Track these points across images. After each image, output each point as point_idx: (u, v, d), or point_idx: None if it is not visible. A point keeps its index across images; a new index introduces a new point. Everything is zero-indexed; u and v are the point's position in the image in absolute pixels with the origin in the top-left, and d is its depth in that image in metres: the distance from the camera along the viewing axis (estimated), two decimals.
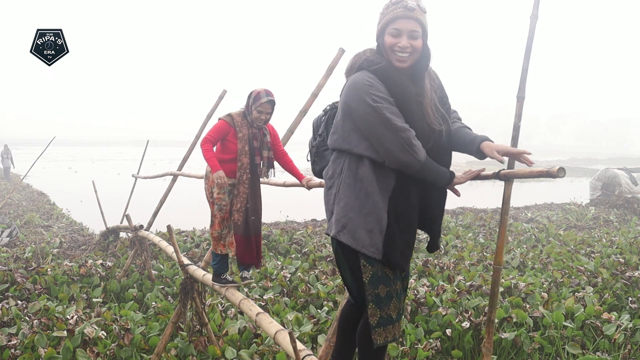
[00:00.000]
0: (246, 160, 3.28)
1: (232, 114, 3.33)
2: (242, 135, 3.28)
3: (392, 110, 1.82)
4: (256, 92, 3.27)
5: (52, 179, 22.87)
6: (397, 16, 1.83)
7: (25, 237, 9.20)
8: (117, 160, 39.65)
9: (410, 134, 1.81)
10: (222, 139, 3.30)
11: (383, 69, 1.88)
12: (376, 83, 1.84)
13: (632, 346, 3.76)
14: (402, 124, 1.81)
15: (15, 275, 5.25)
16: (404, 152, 1.82)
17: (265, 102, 3.23)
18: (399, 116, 1.83)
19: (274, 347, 3.65)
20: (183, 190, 9.94)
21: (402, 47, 1.84)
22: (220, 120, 3.33)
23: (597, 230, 10.38)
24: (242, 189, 3.29)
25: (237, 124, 3.28)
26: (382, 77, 1.86)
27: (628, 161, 46.10)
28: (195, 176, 5.63)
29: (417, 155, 1.82)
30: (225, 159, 3.31)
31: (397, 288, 1.95)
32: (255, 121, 3.28)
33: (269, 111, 3.30)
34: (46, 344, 3.70)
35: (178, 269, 5.98)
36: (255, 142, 3.32)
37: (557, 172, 1.52)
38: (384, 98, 1.83)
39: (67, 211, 12.98)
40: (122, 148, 64.50)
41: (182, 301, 3.68)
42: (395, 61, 1.88)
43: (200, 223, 9.70)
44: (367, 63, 1.90)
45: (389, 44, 1.86)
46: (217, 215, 3.36)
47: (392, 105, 1.84)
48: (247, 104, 3.31)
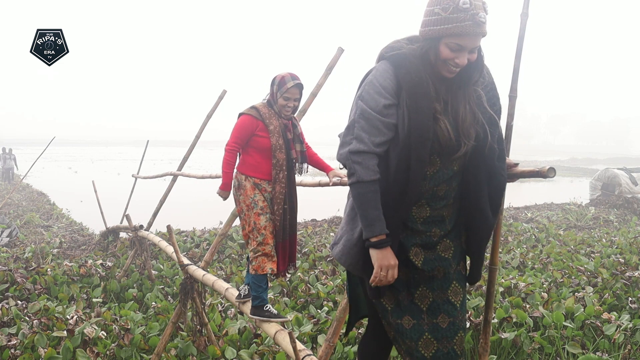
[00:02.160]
0: (282, 155, 2.88)
1: (255, 106, 2.92)
2: (274, 127, 2.86)
3: (370, 116, 1.59)
4: (280, 76, 2.88)
5: (52, 179, 22.86)
6: (464, 32, 1.54)
7: (25, 237, 9.20)
8: (117, 160, 39.64)
9: (359, 145, 1.59)
10: (250, 137, 2.88)
11: (399, 57, 1.62)
12: (385, 76, 1.61)
13: (632, 346, 3.76)
14: (361, 132, 1.59)
15: (15, 275, 5.25)
16: (343, 158, 1.64)
17: (292, 86, 2.83)
18: (376, 123, 1.59)
19: (274, 347, 3.65)
20: (183, 190, 9.95)
21: (460, 64, 1.58)
22: (243, 116, 2.90)
23: (597, 230, 10.38)
24: (278, 189, 2.89)
25: (264, 116, 2.86)
26: (396, 65, 1.61)
27: (628, 161, 46.11)
28: (195, 176, 5.64)
29: (354, 170, 1.59)
30: (258, 158, 2.90)
31: (401, 323, 1.68)
32: (282, 110, 2.88)
33: (297, 96, 2.90)
34: (46, 344, 3.70)
35: (178, 269, 5.99)
36: (288, 134, 2.93)
37: (547, 172, 1.53)
38: (379, 93, 1.60)
39: (67, 211, 12.98)
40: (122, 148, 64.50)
41: (182, 301, 3.68)
42: (445, 72, 1.61)
43: (200, 223, 9.71)
44: (386, 50, 1.68)
45: (445, 56, 1.58)
46: (268, 227, 2.89)
47: (382, 108, 1.59)
48: (272, 92, 2.91)
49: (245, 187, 2.90)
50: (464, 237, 1.74)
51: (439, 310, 1.67)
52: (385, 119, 1.59)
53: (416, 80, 1.58)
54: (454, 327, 1.68)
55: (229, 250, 7.21)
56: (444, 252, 1.69)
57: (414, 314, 1.66)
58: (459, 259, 1.73)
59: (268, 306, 2.92)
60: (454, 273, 1.70)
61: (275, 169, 2.88)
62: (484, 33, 1.57)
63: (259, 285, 2.92)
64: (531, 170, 1.61)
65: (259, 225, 2.89)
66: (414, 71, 1.59)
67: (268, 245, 2.90)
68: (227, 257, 7.03)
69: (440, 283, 1.68)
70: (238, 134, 2.88)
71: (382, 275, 1.58)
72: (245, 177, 2.92)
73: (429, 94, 1.58)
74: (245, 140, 2.88)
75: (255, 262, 2.89)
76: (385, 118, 1.59)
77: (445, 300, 1.68)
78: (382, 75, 1.62)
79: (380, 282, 1.60)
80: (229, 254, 7.08)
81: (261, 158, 2.90)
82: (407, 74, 1.59)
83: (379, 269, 1.58)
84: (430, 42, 1.60)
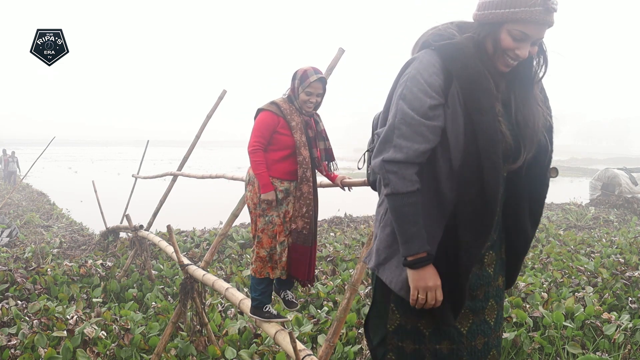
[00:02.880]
0: (306, 152, 2.69)
1: (275, 101, 2.74)
2: (296, 123, 2.68)
3: (413, 120, 1.35)
4: (302, 70, 2.71)
5: (52, 179, 22.87)
6: (532, 19, 1.32)
7: (25, 237, 9.20)
8: (117, 160, 39.64)
9: (397, 154, 1.37)
10: (271, 135, 2.70)
11: (452, 48, 1.38)
12: (431, 70, 1.37)
13: (632, 346, 3.76)
14: (402, 140, 1.36)
15: (15, 275, 5.25)
16: (377, 166, 1.42)
17: (315, 80, 2.66)
18: (420, 129, 1.35)
19: (274, 347, 3.65)
20: (183, 190, 9.95)
21: (520, 56, 1.37)
22: (262, 113, 2.72)
23: (597, 230, 10.38)
24: (305, 189, 2.69)
25: (285, 112, 2.68)
26: (447, 57, 1.37)
27: (628, 161, 46.12)
28: (195, 176, 5.63)
29: (388, 180, 1.39)
30: (278, 157, 2.72)
31: (440, 348, 1.49)
32: (304, 106, 2.71)
33: (320, 91, 2.72)
34: (46, 344, 3.70)
35: (178, 269, 5.99)
36: (310, 132, 2.75)
37: (550, 172, 1.55)
38: (424, 92, 1.36)
39: (67, 211, 12.99)
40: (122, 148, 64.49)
41: (182, 301, 3.68)
42: (501, 64, 1.40)
43: (200, 223, 9.71)
44: (434, 37, 1.43)
45: (505, 45, 1.36)
46: (267, 230, 2.72)
47: (427, 109, 1.35)
48: (293, 87, 2.75)
49: (255, 184, 2.74)
50: (504, 247, 1.59)
51: (477, 331, 1.53)
52: (430, 122, 1.35)
53: (475, 75, 1.35)
54: (487, 346, 1.56)
55: (229, 250, 7.21)
56: (488, 267, 1.53)
57: (453, 338, 1.49)
58: (498, 273, 1.58)
59: (268, 307, 2.82)
60: (493, 290, 1.56)
61: (302, 167, 2.67)
62: (551, 23, 1.36)
63: (257, 288, 2.82)
64: None
65: (258, 227, 2.74)
66: (471, 65, 1.36)
67: (263, 249, 2.73)
68: (227, 257, 7.02)
69: (480, 303, 1.53)
70: (259, 132, 2.68)
71: (420, 298, 1.41)
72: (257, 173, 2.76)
73: (491, 92, 1.36)
74: (267, 137, 2.68)
75: (254, 264, 2.80)
76: (430, 121, 1.35)
77: (482, 321, 1.54)
78: (428, 69, 1.37)
79: (421, 305, 1.42)
80: (229, 254, 7.08)
81: (280, 157, 2.71)
82: (463, 69, 1.35)
83: (415, 291, 1.40)
84: (489, 27, 1.37)
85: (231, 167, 31.59)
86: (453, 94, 1.36)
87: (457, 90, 1.36)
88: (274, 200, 2.67)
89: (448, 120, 1.36)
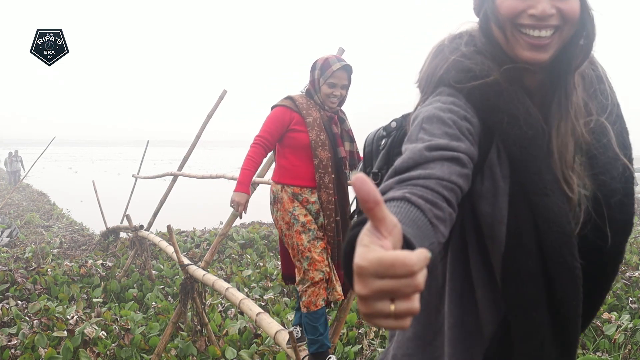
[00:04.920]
0: (326, 154, 2.31)
1: (291, 96, 2.41)
2: (313, 119, 2.32)
3: (439, 116, 0.82)
4: (322, 59, 2.35)
5: (52, 179, 22.88)
6: None
7: (26, 237, 9.21)
8: (117, 160, 39.65)
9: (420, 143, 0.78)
10: (284, 133, 2.36)
11: (491, 93, 0.85)
12: (461, 112, 0.83)
13: (632, 346, 3.76)
14: (424, 135, 0.79)
15: (15, 276, 5.26)
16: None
17: (338, 69, 2.30)
18: (446, 122, 0.80)
19: (274, 347, 3.65)
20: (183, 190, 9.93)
21: (541, 15, 0.81)
22: (276, 108, 2.40)
23: None
24: (325, 197, 2.31)
25: (301, 107, 2.34)
26: (485, 108, 0.85)
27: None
28: (195, 176, 5.63)
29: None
30: (301, 159, 2.36)
31: None
32: (327, 101, 2.36)
33: (345, 82, 2.35)
34: (46, 344, 3.70)
35: (178, 269, 5.98)
36: (334, 128, 2.39)
37: None
38: (446, 125, 0.81)
39: (67, 211, 12.99)
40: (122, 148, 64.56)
41: (182, 301, 3.68)
42: (521, 48, 0.84)
43: (201, 223, 9.71)
44: (457, 75, 0.87)
45: (506, 10, 0.84)
46: (314, 247, 2.30)
47: (460, 118, 0.82)
48: (312, 79, 2.38)
49: (282, 200, 2.34)
50: None
51: None
52: (463, 122, 0.82)
53: (531, 133, 0.84)
54: None
55: (229, 250, 7.21)
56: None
57: None
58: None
59: (332, 357, 2.31)
60: None
61: (319, 171, 2.30)
62: None
63: (315, 327, 2.29)
64: None
65: (302, 247, 2.29)
66: (524, 118, 0.84)
67: (317, 271, 2.27)
68: (228, 257, 7.02)
69: None
70: (266, 126, 2.35)
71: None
72: (282, 186, 2.37)
73: (542, 130, 0.85)
74: (277, 134, 2.35)
75: (305, 296, 2.29)
76: (463, 121, 0.82)
77: None
78: (453, 109, 0.84)
79: None
80: (229, 254, 7.08)
81: (299, 160, 2.36)
82: (512, 125, 0.84)
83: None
84: (483, 6, 0.89)
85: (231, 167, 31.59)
86: (492, 161, 0.86)
87: (498, 155, 0.86)
88: (242, 205, 2.34)
89: (484, 200, 0.85)
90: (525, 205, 0.84)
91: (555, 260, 0.83)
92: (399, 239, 0.46)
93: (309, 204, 2.35)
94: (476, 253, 0.90)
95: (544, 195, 0.83)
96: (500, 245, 0.85)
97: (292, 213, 2.32)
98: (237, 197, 2.34)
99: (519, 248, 0.83)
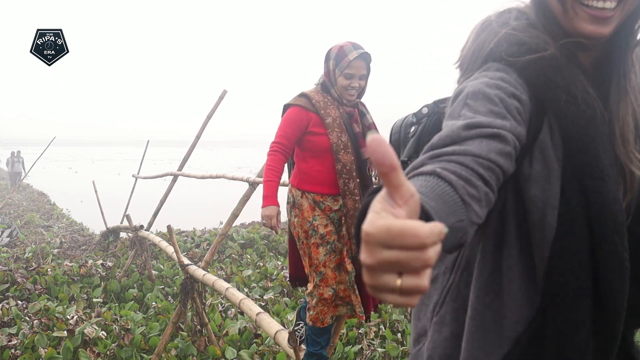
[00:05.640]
0: (348, 157, 2.13)
1: (305, 93, 2.21)
2: (332, 119, 2.14)
3: (484, 92, 0.75)
4: (337, 47, 2.14)
5: (53, 179, 22.90)
6: None
7: (26, 237, 9.21)
8: (117, 160, 39.67)
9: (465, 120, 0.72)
10: (302, 136, 2.18)
11: (547, 67, 0.78)
12: (510, 88, 0.77)
13: None
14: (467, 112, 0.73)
15: (15, 276, 5.26)
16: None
17: (355, 58, 2.09)
18: (492, 98, 0.74)
19: (274, 347, 3.65)
20: (183, 190, 9.93)
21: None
22: (290, 109, 2.20)
23: None
24: (351, 204, 2.14)
25: (318, 105, 2.15)
26: (539, 84, 0.79)
27: None
28: (195, 176, 5.63)
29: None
30: (322, 165, 2.18)
31: None
32: (344, 94, 2.16)
33: (364, 72, 2.14)
34: (46, 344, 3.70)
35: (178, 269, 5.98)
36: (355, 127, 2.20)
37: None
38: (492, 103, 0.75)
39: (67, 211, 13.00)
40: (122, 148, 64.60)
41: (182, 301, 3.68)
42: (585, 22, 0.77)
43: (201, 223, 9.71)
44: (509, 48, 0.80)
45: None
46: (330, 261, 2.16)
47: (508, 95, 0.76)
48: (327, 70, 2.19)
49: (302, 207, 2.19)
50: None
51: None
52: (510, 99, 0.75)
53: (590, 114, 0.77)
54: None
55: (229, 250, 7.21)
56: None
57: None
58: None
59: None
60: None
61: (343, 177, 2.13)
62: None
63: (316, 341, 2.25)
64: None
65: (317, 261, 2.17)
66: (582, 97, 0.78)
67: (328, 287, 2.17)
68: (228, 257, 7.03)
69: None
70: (282, 131, 2.17)
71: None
72: (302, 192, 2.21)
73: (599, 110, 0.79)
74: (295, 138, 2.17)
75: (314, 310, 2.20)
76: (511, 99, 0.75)
77: None
78: (501, 84, 0.77)
79: None
80: (229, 254, 7.08)
81: (320, 164, 2.18)
82: (570, 104, 0.77)
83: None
84: None
85: (231, 167, 31.62)
86: (544, 143, 0.79)
87: (551, 136, 0.79)
88: (274, 218, 2.18)
89: (534, 183, 0.79)
90: (579, 190, 0.77)
91: (607, 249, 0.77)
92: (415, 210, 0.43)
93: (331, 212, 2.18)
94: (515, 242, 0.82)
95: (599, 180, 0.76)
96: (551, 231, 0.78)
97: (311, 223, 2.18)
98: (267, 211, 2.16)
99: (570, 235, 0.77)
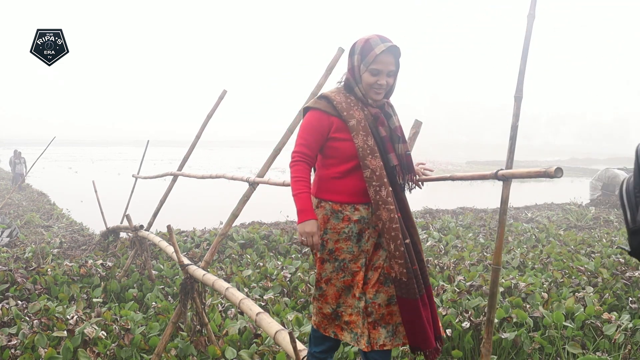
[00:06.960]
0: (377, 162, 1.92)
1: (326, 94, 2.01)
2: (356, 122, 1.93)
3: None
4: (362, 40, 1.95)
5: (52, 179, 22.89)
6: None
7: (26, 237, 9.21)
8: (117, 161, 39.67)
9: None
10: (324, 143, 2.00)
11: None
12: None
13: (632, 346, 3.76)
14: None
15: (15, 276, 5.25)
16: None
17: (383, 52, 1.89)
18: None
19: (274, 347, 3.65)
20: (183, 190, 9.94)
21: None
22: (309, 112, 2.01)
23: (597, 230, 10.38)
24: (386, 215, 1.90)
25: (339, 107, 1.95)
26: None
27: (628, 161, 46.03)
28: (195, 176, 5.63)
29: None
30: (343, 171, 1.99)
31: None
32: (370, 93, 1.96)
33: (392, 68, 1.93)
34: (46, 344, 3.70)
35: (178, 269, 5.98)
36: (382, 130, 1.99)
37: (555, 172, 1.54)
38: None
39: (67, 211, 13.00)
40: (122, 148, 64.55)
41: (182, 301, 3.68)
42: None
43: (201, 223, 9.71)
44: None
45: None
46: (335, 280, 2.00)
47: None
48: (351, 66, 1.99)
49: (317, 215, 2.03)
50: None
51: None
52: None
53: None
54: None
55: (229, 250, 7.21)
56: None
57: None
58: None
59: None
60: None
61: (373, 184, 1.91)
62: None
63: (319, 343, 2.14)
64: (538, 171, 1.60)
65: (319, 276, 2.03)
66: None
67: (327, 305, 2.03)
68: (228, 257, 7.03)
69: None
70: (303, 139, 1.98)
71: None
72: (319, 201, 2.04)
73: None
74: (317, 145, 1.99)
75: (316, 317, 2.11)
76: None
77: None
78: None
79: None
80: (229, 254, 7.08)
81: (345, 171, 1.99)
82: None
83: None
84: None
85: (231, 167, 31.62)
86: None
87: None
88: (315, 234, 1.94)
89: None
90: None
91: None
92: None
93: (350, 222, 1.97)
94: None
95: None
96: None
97: (322, 236, 2.01)
98: (307, 227, 1.93)
99: None
